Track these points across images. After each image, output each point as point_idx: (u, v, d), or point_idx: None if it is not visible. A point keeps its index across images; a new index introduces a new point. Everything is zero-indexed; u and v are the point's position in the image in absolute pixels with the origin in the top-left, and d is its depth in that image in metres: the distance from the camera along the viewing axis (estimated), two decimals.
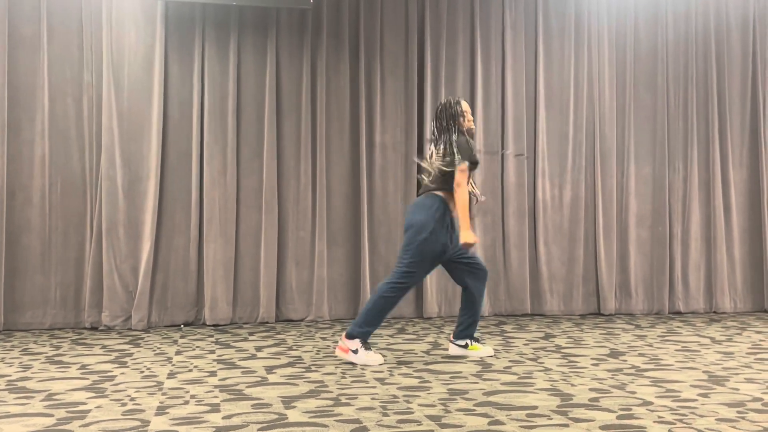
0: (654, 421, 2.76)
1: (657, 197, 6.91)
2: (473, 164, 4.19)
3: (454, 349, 4.39)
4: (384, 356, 4.36)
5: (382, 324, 5.93)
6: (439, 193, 4.19)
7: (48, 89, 5.79)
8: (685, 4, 7.03)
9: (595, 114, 6.83)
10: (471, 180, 4.31)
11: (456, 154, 4.13)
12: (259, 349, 4.71)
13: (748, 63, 7.12)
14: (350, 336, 4.15)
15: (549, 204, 6.71)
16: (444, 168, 4.16)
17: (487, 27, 6.68)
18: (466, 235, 4.12)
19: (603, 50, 6.89)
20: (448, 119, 4.26)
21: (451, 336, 4.43)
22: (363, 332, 4.14)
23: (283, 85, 6.26)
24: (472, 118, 4.36)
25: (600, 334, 5.39)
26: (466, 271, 4.32)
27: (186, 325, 5.94)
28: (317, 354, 4.47)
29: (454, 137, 4.20)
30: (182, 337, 5.30)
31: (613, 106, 6.87)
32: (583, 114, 6.81)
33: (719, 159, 7.01)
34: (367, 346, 4.14)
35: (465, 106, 4.32)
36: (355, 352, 4.12)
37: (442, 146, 4.22)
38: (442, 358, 4.32)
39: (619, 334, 5.35)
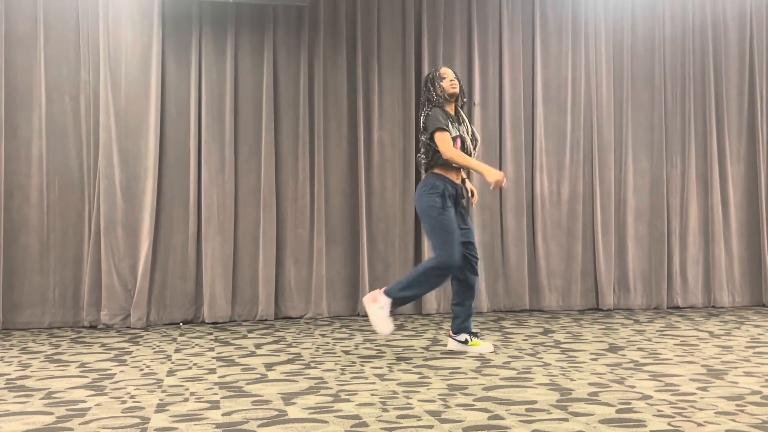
0: (653, 415, 2.77)
1: (655, 192, 6.92)
2: (444, 129, 4.11)
3: (453, 344, 4.38)
4: (383, 353, 4.37)
5: None
6: (435, 170, 4.20)
7: (45, 88, 5.79)
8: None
9: (592, 110, 6.83)
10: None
11: (427, 128, 4.16)
12: (258, 346, 4.71)
13: (745, 58, 7.12)
14: (387, 293, 4.11)
15: (547, 200, 6.71)
16: (426, 142, 4.20)
17: (484, 24, 6.67)
18: (490, 174, 4.06)
19: (600, 46, 6.89)
20: (426, 89, 4.27)
21: (450, 331, 4.42)
22: (398, 297, 4.11)
23: (281, 83, 6.26)
24: (454, 80, 4.23)
25: (599, 329, 5.40)
26: (463, 255, 4.28)
27: (185, 323, 5.94)
28: (316, 351, 4.48)
29: (427, 109, 4.21)
30: (181, 335, 5.30)
31: (611, 101, 6.87)
32: (580, 110, 6.81)
33: (717, 154, 7.02)
34: (392, 310, 4.10)
35: (443, 71, 4.27)
36: (381, 308, 4.07)
37: (422, 121, 4.25)
38: (442, 354, 4.33)
39: (617, 329, 5.36)
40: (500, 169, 6.63)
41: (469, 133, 4.30)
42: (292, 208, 6.24)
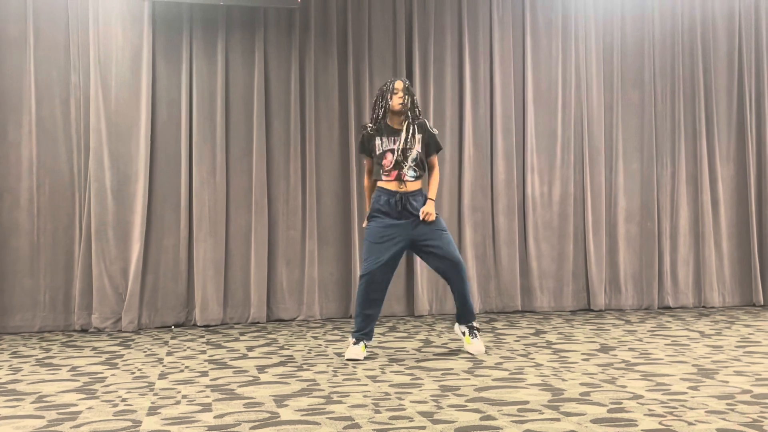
0: (644, 414, 2.78)
1: (645, 193, 6.95)
2: (365, 155, 4.39)
3: (456, 328, 4.51)
4: (375, 354, 4.37)
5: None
6: (378, 183, 4.31)
7: (35, 90, 5.76)
8: (671, 0, 7.07)
9: (583, 110, 6.86)
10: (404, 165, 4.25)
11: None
12: (250, 348, 4.70)
13: (734, 58, 7.16)
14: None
15: (538, 201, 6.73)
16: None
17: (474, 25, 6.69)
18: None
19: (590, 47, 6.92)
20: (376, 100, 4.37)
21: (456, 318, 4.52)
22: (356, 329, 4.26)
23: (272, 85, 6.25)
24: (402, 97, 4.26)
25: (590, 329, 5.42)
26: (435, 257, 4.30)
27: (177, 326, 5.93)
28: (309, 353, 4.47)
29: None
30: (173, 338, 5.29)
31: (601, 102, 6.90)
32: (571, 110, 6.83)
33: (707, 154, 7.05)
34: (357, 341, 4.26)
35: (396, 85, 4.29)
36: (348, 347, 4.28)
37: None
38: (434, 355, 4.33)
39: (609, 330, 5.38)
40: (491, 170, 6.65)
41: (401, 146, 4.25)
42: (284, 209, 6.23)
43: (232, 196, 6.12)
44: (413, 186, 4.27)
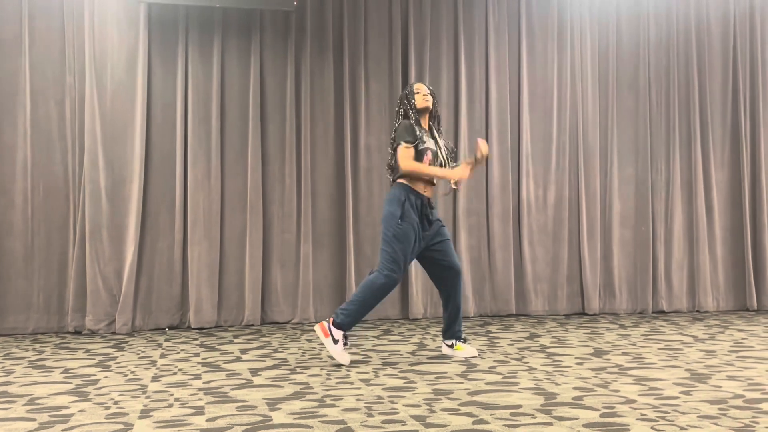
0: (637, 419, 2.78)
1: (640, 197, 6.96)
2: (409, 143, 4.11)
3: (444, 348, 4.42)
4: (369, 358, 4.37)
5: (367, 325, 5.94)
6: (401, 180, 4.18)
7: (30, 92, 5.76)
8: (666, 5, 7.09)
9: (578, 115, 6.87)
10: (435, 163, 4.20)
11: (395, 140, 4.18)
12: (244, 351, 4.69)
13: (729, 63, 7.18)
14: (339, 326, 4.08)
15: (533, 205, 6.74)
16: (392, 153, 4.21)
17: (470, 29, 6.70)
18: (454, 174, 4.16)
19: (585, 51, 6.93)
20: (400, 104, 4.30)
21: (442, 336, 4.45)
22: (346, 323, 4.10)
23: (267, 88, 6.25)
24: (427, 95, 4.24)
25: (584, 333, 5.42)
26: (438, 265, 4.27)
27: (170, 328, 5.92)
28: (302, 356, 4.47)
29: (396, 123, 4.25)
30: (167, 340, 5.28)
31: (596, 107, 6.92)
32: (566, 115, 6.85)
33: (701, 159, 7.07)
34: (345, 341, 4.14)
35: (417, 87, 4.29)
36: (337, 343, 4.08)
37: (392, 134, 4.28)
38: (428, 358, 4.33)
39: (603, 334, 5.39)
40: (486, 173, 6.65)
41: (443, 147, 4.26)
42: (279, 212, 6.23)
43: (227, 198, 6.12)
44: (431, 192, 4.24)
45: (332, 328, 4.10)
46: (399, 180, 4.19)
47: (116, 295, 5.78)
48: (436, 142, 4.25)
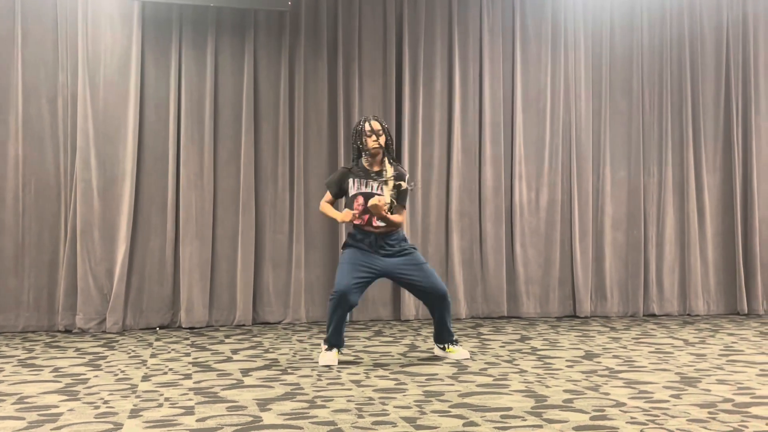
0: (627, 422, 2.79)
1: (632, 201, 6.98)
2: (330, 191, 4.37)
3: (436, 350, 4.46)
4: (360, 359, 4.36)
5: (359, 326, 5.94)
6: (355, 222, 4.28)
7: (22, 90, 5.73)
8: (660, 10, 7.11)
9: (571, 118, 6.89)
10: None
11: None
12: (235, 351, 4.68)
13: (722, 69, 7.21)
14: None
15: (526, 207, 6.75)
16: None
17: (465, 30, 6.71)
18: (339, 218, 4.26)
19: (579, 55, 6.95)
20: (354, 139, 4.32)
21: (434, 340, 4.48)
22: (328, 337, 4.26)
23: (261, 87, 6.25)
24: (378, 139, 4.21)
25: (575, 336, 5.43)
26: (420, 291, 4.30)
27: (161, 328, 5.90)
28: (294, 356, 4.46)
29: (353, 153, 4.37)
30: (157, 340, 5.26)
31: (589, 110, 6.93)
32: (559, 118, 6.86)
33: (693, 163, 7.09)
34: (329, 348, 4.22)
35: (368, 126, 4.22)
36: (320, 353, 4.28)
37: None
38: (419, 360, 4.33)
39: (594, 336, 5.40)
40: (479, 176, 6.66)
41: (387, 186, 4.22)
42: (271, 212, 6.22)
43: (219, 198, 6.11)
44: (386, 229, 4.24)
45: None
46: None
47: (107, 294, 5.76)
48: (384, 181, 4.21)
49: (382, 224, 4.21)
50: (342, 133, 6.34)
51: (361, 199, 4.22)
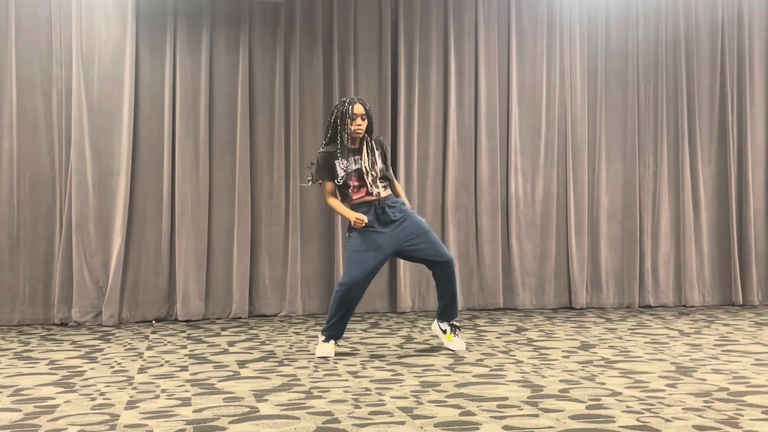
0: (622, 411, 2.80)
1: (627, 192, 6.99)
2: (328, 180, 4.23)
3: (435, 327, 4.44)
4: (357, 350, 4.37)
5: (355, 318, 5.94)
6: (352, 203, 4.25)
7: (16, 82, 5.70)
8: (655, 1, 7.11)
9: (566, 110, 6.89)
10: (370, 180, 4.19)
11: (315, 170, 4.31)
12: (231, 344, 4.68)
13: (717, 61, 7.22)
14: (322, 332, 4.24)
15: (521, 199, 6.75)
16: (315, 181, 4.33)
17: (460, 23, 6.70)
18: (349, 216, 4.17)
19: (575, 47, 6.94)
20: (334, 119, 4.24)
21: (436, 314, 4.47)
22: (327, 329, 4.23)
23: (256, 80, 6.23)
24: (362, 123, 4.19)
25: (571, 327, 5.45)
26: (426, 260, 4.29)
27: (158, 320, 5.89)
28: (290, 348, 4.47)
29: (327, 130, 4.28)
30: (154, 332, 5.26)
31: (585, 102, 6.93)
32: (555, 110, 6.86)
33: (688, 155, 7.11)
34: (326, 340, 4.22)
35: (354, 110, 4.17)
36: (317, 345, 4.25)
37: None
38: (415, 351, 4.34)
39: (589, 327, 5.41)
40: (475, 168, 6.67)
41: (371, 161, 4.21)
42: (267, 205, 6.22)
43: (214, 191, 6.10)
44: (385, 193, 4.23)
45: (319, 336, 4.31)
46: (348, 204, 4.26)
47: (103, 287, 5.76)
48: (368, 155, 4.21)
49: (381, 188, 4.19)
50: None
51: (354, 177, 4.19)
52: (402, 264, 6.32)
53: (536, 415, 2.74)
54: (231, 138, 6.13)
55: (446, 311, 4.39)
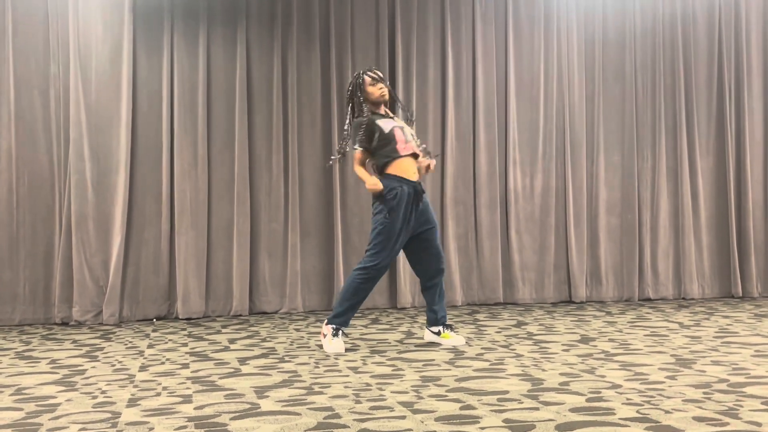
0: (622, 403, 2.80)
1: (626, 185, 7.00)
2: (364, 148, 4.14)
3: (428, 335, 4.43)
4: (357, 346, 4.38)
5: (355, 314, 5.95)
6: (387, 171, 4.16)
7: (13, 81, 5.70)
8: None
9: (564, 103, 6.89)
10: (407, 139, 4.18)
11: (347, 139, 4.22)
12: (232, 341, 4.69)
13: (714, 52, 7.22)
14: (328, 321, 4.21)
15: (520, 193, 6.76)
16: (344, 152, 4.28)
17: (457, 17, 6.69)
18: (372, 182, 4.08)
19: (572, 40, 6.94)
20: (351, 96, 4.24)
21: (426, 323, 4.46)
22: (337, 317, 4.19)
23: (254, 77, 6.23)
24: (382, 87, 4.19)
25: (571, 320, 5.46)
26: (427, 252, 4.26)
27: (158, 319, 5.90)
28: (291, 345, 4.47)
29: (348, 119, 4.24)
30: (154, 330, 5.27)
31: (583, 95, 6.93)
32: (553, 103, 6.86)
33: (687, 147, 7.11)
34: (335, 333, 4.18)
35: (368, 77, 4.18)
36: (325, 336, 4.19)
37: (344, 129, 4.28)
38: (416, 346, 4.35)
39: (589, 321, 5.42)
40: (474, 162, 6.67)
41: (406, 127, 4.25)
42: (266, 202, 6.22)
43: (213, 188, 6.10)
44: (418, 175, 4.21)
45: (324, 327, 4.26)
46: (386, 171, 4.16)
47: (103, 286, 5.76)
48: (404, 121, 4.26)
49: (420, 153, 4.19)
50: (336, 122, 6.33)
51: (398, 132, 4.13)
52: (402, 260, 6.33)
53: (536, 409, 2.75)
54: (229, 135, 6.13)
55: (439, 313, 4.35)
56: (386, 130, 4.14)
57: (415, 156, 4.22)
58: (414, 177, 4.18)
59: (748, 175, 7.15)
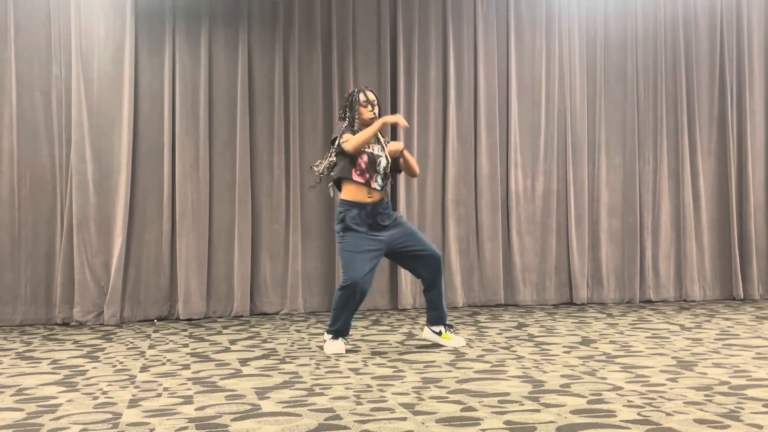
0: (623, 405, 2.80)
1: (628, 187, 6.99)
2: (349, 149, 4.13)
3: (427, 333, 4.41)
4: (358, 347, 4.38)
5: (357, 315, 5.94)
6: (343, 198, 4.17)
7: (15, 82, 5.71)
8: None
9: (566, 105, 6.89)
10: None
11: (334, 141, 4.21)
12: (233, 342, 4.69)
13: (716, 54, 7.22)
14: (327, 332, 4.26)
15: (522, 195, 6.76)
16: (329, 169, 4.22)
17: (459, 19, 6.70)
18: (386, 122, 4.16)
19: (574, 42, 6.94)
20: (345, 109, 4.27)
21: (426, 321, 4.45)
22: (333, 330, 4.23)
23: (255, 78, 6.23)
24: (374, 109, 4.23)
25: (572, 322, 5.45)
26: (418, 257, 4.26)
27: (159, 319, 5.90)
28: (292, 346, 4.47)
29: (342, 130, 4.23)
30: (155, 331, 5.27)
31: (584, 97, 6.93)
32: (554, 105, 6.86)
33: (688, 149, 7.11)
34: (335, 338, 4.23)
35: (364, 97, 4.22)
36: (325, 342, 4.25)
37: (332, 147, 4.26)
38: (417, 348, 4.35)
39: (590, 323, 5.42)
40: (475, 164, 6.67)
41: (386, 153, 4.23)
42: (268, 203, 6.22)
43: (215, 189, 6.10)
44: (379, 196, 4.19)
45: (325, 335, 4.29)
46: (341, 198, 4.20)
47: (104, 287, 5.76)
48: (382, 146, 4.24)
49: (379, 186, 4.17)
50: (337, 123, 6.33)
51: (365, 158, 4.16)
52: None
53: (537, 410, 2.75)
54: (231, 136, 6.13)
55: (438, 313, 4.35)
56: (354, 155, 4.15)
57: (372, 186, 4.17)
58: (367, 199, 4.15)
59: (749, 178, 7.15)
